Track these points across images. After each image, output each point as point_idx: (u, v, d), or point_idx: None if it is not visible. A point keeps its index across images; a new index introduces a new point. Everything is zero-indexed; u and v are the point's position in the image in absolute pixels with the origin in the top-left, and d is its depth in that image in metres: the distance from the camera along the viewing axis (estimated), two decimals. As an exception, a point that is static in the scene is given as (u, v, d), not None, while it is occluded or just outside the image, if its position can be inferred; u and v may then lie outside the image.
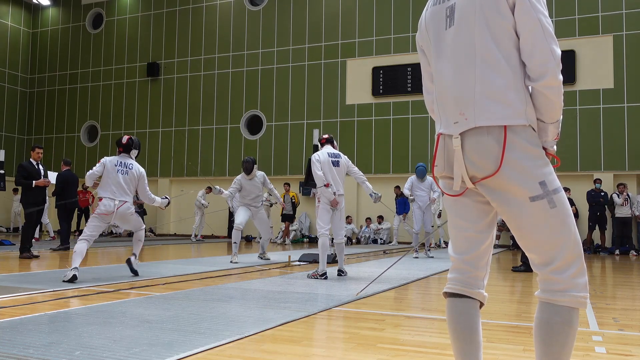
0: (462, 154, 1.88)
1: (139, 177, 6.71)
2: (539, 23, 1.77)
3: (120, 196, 6.48)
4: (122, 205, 6.49)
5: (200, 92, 19.74)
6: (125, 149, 6.75)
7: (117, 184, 6.48)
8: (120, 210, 6.49)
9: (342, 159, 7.15)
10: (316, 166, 6.93)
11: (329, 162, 6.97)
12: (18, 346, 3.09)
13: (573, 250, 1.80)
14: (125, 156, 6.72)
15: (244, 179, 9.21)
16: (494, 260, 10.48)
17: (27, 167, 9.41)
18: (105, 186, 6.48)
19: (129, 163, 6.67)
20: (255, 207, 9.29)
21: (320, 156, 7.00)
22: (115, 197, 6.45)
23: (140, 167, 6.80)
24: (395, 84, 17.02)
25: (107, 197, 6.43)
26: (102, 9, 21.81)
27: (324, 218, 6.93)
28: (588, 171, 14.80)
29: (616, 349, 3.36)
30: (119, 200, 6.46)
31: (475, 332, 1.97)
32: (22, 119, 22.43)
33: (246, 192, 9.21)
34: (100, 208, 6.41)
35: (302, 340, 3.46)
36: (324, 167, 6.94)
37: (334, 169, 7.00)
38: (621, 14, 14.90)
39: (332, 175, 6.96)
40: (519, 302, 5.46)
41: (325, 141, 7.25)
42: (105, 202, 6.41)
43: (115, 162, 6.57)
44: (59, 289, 5.51)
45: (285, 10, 18.78)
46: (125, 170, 6.58)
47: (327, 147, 7.18)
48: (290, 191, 16.56)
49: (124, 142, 6.76)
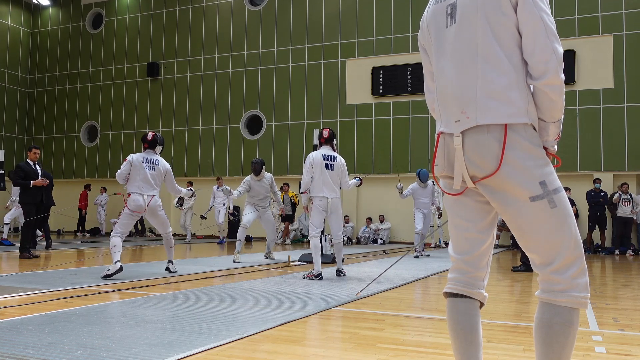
0: (463, 152, 1.88)
1: (166, 171, 6.98)
2: (541, 21, 1.76)
3: (147, 190, 6.74)
4: (151, 200, 6.77)
5: (200, 92, 19.73)
6: (150, 145, 6.97)
7: (144, 179, 6.73)
8: (150, 205, 6.76)
9: (337, 162, 6.97)
10: (306, 169, 6.85)
11: (321, 165, 6.83)
12: (18, 346, 3.09)
13: (574, 250, 1.79)
14: (151, 152, 6.98)
15: (252, 179, 9.29)
16: (494, 260, 10.48)
17: (24, 168, 9.43)
18: (133, 182, 6.74)
19: (155, 159, 6.93)
20: (262, 207, 9.37)
21: (314, 157, 6.87)
22: (143, 192, 6.71)
23: (166, 163, 7.06)
24: (395, 84, 17.01)
25: (135, 192, 6.70)
26: (102, 9, 21.80)
27: (316, 221, 6.84)
28: (588, 171, 14.80)
29: (616, 348, 3.36)
30: (147, 195, 6.74)
31: (475, 332, 1.97)
32: (22, 119, 22.42)
33: (254, 192, 9.30)
34: (131, 204, 6.68)
35: (302, 340, 3.46)
36: (316, 169, 6.82)
37: (327, 172, 6.84)
38: (621, 13, 14.90)
39: (323, 178, 6.82)
40: (519, 302, 5.45)
41: (325, 141, 7.04)
42: (134, 197, 6.70)
43: (142, 159, 6.82)
44: (59, 289, 5.51)
45: (285, 10, 18.78)
46: (152, 165, 6.84)
47: (326, 148, 7.01)
48: (289, 191, 16.56)
49: (149, 139, 7.02)
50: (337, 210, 6.94)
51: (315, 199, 6.84)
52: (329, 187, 6.85)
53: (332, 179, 6.88)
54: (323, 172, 6.82)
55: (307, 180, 6.82)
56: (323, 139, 7.07)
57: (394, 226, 16.77)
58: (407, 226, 16.20)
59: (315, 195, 6.83)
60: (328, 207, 6.87)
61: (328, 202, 6.85)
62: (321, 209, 6.84)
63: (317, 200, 6.82)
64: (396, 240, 16.60)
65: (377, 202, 16.91)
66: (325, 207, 6.86)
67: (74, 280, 6.15)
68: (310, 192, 6.86)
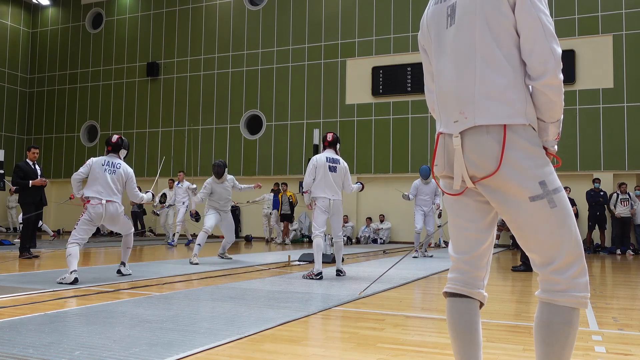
0: (462, 153, 1.88)
1: (127, 176, 6.54)
2: (539, 21, 1.76)
3: (107, 196, 6.29)
4: (110, 205, 6.32)
5: (200, 92, 19.73)
6: (114, 148, 6.60)
7: (104, 183, 6.31)
8: (110, 211, 6.32)
9: (340, 164, 7.16)
10: (309, 171, 7.05)
11: (325, 167, 7.01)
12: (18, 346, 3.09)
13: (574, 250, 1.79)
14: (114, 156, 6.58)
15: (214, 182, 9.07)
16: (494, 260, 10.48)
17: (23, 168, 9.43)
18: (92, 186, 6.31)
19: (117, 162, 6.51)
20: (224, 210, 9.18)
21: (317, 160, 7.06)
22: (102, 197, 6.26)
23: (128, 167, 6.64)
24: (395, 83, 17.01)
25: (93, 197, 6.25)
26: (102, 9, 21.80)
27: (319, 221, 6.98)
28: (588, 171, 14.80)
29: (616, 348, 3.36)
30: (105, 200, 6.28)
31: (475, 332, 1.97)
32: (21, 119, 22.41)
33: (217, 195, 9.08)
34: (89, 210, 6.23)
35: (302, 340, 3.46)
36: (319, 171, 7.00)
37: (330, 174, 7.03)
38: (621, 13, 14.90)
39: (326, 180, 6.99)
40: (519, 302, 5.46)
41: (329, 145, 7.22)
42: (93, 203, 6.24)
43: (102, 162, 6.44)
44: (59, 289, 5.51)
45: (285, 10, 18.78)
46: (113, 169, 6.43)
47: (329, 151, 7.19)
48: (287, 191, 16.57)
49: (113, 142, 6.60)
50: (338, 211, 7.12)
51: (318, 199, 6.99)
52: (332, 188, 7.01)
53: (335, 181, 7.06)
54: (326, 174, 6.99)
55: (308, 181, 7.01)
56: (327, 143, 7.25)
57: (394, 226, 16.78)
58: (407, 226, 16.21)
59: (318, 196, 6.98)
60: (330, 208, 7.01)
61: (330, 203, 6.99)
62: (324, 209, 6.98)
63: (319, 201, 6.98)
64: (396, 240, 16.61)
65: (377, 202, 16.92)
66: (327, 208, 6.99)
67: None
68: (313, 193, 7.02)
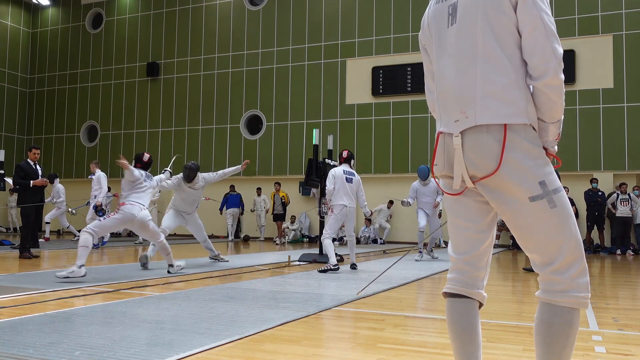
0: (462, 152, 1.88)
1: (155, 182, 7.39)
2: (541, 21, 1.76)
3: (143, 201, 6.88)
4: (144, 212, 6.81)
5: (200, 92, 19.73)
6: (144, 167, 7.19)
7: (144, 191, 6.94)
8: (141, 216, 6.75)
9: (355, 177, 8.16)
10: (330, 181, 7.91)
11: (342, 178, 7.95)
12: (18, 346, 3.09)
13: (574, 250, 1.79)
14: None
15: (184, 184, 8.29)
16: (494, 260, 10.48)
17: (24, 168, 9.43)
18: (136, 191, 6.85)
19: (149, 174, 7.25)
20: (188, 213, 8.46)
21: (336, 172, 8.00)
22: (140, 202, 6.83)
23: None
24: (395, 83, 17.01)
25: (133, 201, 6.77)
26: (102, 9, 21.80)
27: (333, 227, 7.92)
28: (588, 171, 14.80)
29: (616, 348, 3.36)
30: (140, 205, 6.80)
31: (474, 332, 1.97)
32: (22, 119, 22.41)
33: (184, 195, 8.32)
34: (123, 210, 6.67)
35: (302, 340, 3.46)
36: (337, 181, 7.89)
37: (347, 184, 7.97)
38: (621, 13, 14.90)
39: (344, 189, 7.91)
40: (519, 302, 5.46)
41: (344, 160, 8.18)
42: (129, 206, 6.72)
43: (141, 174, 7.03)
44: (59, 289, 5.51)
45: (285, 10, 18.78)
46: (150, 179, 7.16)
47: (345, 165, 8.14)
48: (280, 191, 16.59)
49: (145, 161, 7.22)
50: (352, 217, 8.08)
51: (335, 207, 7.87)
52: (348, 196, 7.95)
53: (351, 190, 8.02)
54: (344, 184, 7.94)
55: (330, 188, 7.91)
56: (342, 159, 8.25)
57: (394, 226, 16.78)
58: (407, 226, 16.22)
59: (336, 203, 7.87)
60: (345, 214, 7.94)
61: (346, 209, 7.91)
62: (340, 217, 7.90)
63: (337, 208, 7.87)
64: (396, 240, 16.61)
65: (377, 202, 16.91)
66: (343, 215, 7.92)
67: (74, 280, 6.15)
68: (332, 201, 7.91)
